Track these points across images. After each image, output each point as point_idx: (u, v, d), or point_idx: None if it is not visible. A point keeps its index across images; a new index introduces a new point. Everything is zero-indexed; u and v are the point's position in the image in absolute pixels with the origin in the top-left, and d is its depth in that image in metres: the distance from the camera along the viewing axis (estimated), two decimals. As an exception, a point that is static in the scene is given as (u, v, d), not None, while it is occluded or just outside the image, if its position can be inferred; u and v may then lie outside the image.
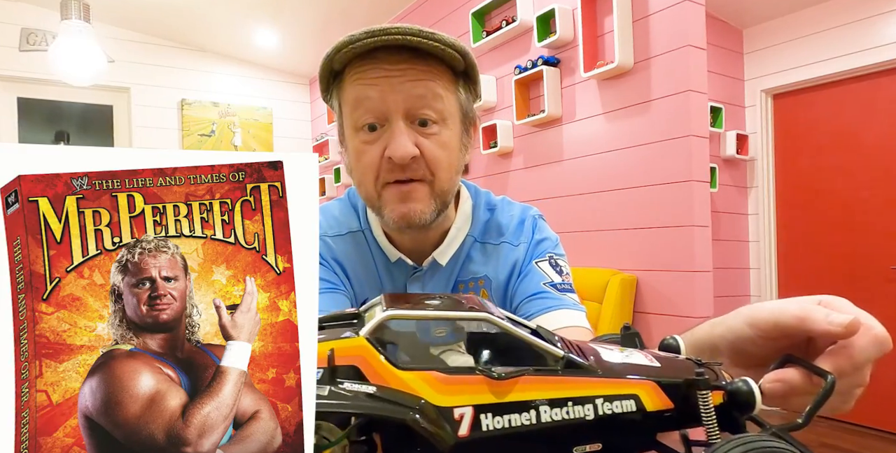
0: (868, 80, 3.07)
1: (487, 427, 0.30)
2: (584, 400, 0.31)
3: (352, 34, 0.66)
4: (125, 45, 4.00)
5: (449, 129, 0.70)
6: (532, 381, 0.31)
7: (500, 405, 0.30)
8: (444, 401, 0.30)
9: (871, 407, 3.02)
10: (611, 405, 0.32)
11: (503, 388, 0.31)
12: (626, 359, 0.36)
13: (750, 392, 0.34)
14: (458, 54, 0.67)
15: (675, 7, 2.16)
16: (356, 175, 0.72)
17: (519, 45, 2.84)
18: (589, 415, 0.31)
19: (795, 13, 3.28)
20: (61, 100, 3.90)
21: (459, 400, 0.30)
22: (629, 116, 2.35)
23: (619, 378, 0.33)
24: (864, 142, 3.09)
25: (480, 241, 0.82)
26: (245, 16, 3.81)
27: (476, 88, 0.75)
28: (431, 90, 0.67)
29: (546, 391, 0.31)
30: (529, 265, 0.79)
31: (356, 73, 0.68)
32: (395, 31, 0.64)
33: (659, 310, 2.26)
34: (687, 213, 2.14)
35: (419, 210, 0.69)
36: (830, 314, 0.39)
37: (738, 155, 3.38)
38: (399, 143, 0.66)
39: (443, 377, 0.31)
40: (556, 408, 0.31)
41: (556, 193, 2.68)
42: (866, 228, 3.07)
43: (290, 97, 4.68)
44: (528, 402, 0.31)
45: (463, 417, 0.30)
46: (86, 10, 2.80)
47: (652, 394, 0.33)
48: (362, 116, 0.68)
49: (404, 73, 0.66)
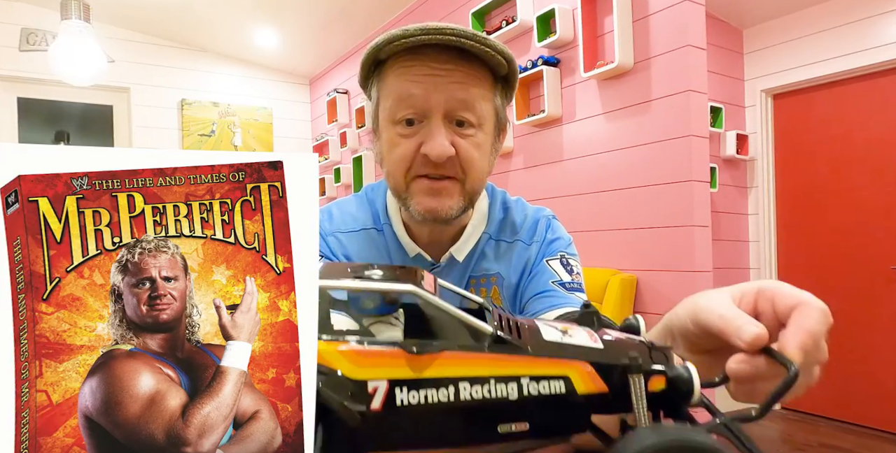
0: (868, 80, 3.07)
1: (402, 401, 0.29)
2: (509, 379, 0.30)
3: (406, 28, 0.66)
4: (125, 45, 4.00)
5: (484, 132, 0.72)
6: (454, 357, 0.30)
7: (417, 380, 0.30)
8: (359, 374, 0.30)
9: (872, 407, 3.02)
10: (537, 385, 0.31)
11: (421, 363, 0.30)
12: (567, 339, 0.34)
13: (689, 379, 0.33)
14: (504, 60, 0.69)
15: (675, 7, 2.16)
16: (387, 164, 0.73)
17: (519, 45, 2.84)
18: (512, 395, 0.30)
19: (795, 13, 3.28)
20: (61, 100, 3.90)
21: (374, 374, 0.30)
22: (629, 116, 2.35)
23: (551, 358, 0.32)
24: (864, 142, 3.09)
25: (495, 239, 0.83)
26: (245, 16, 3.81)
27: (512, 94, 0.77)
28: (473, 94, 0.69)
29: (468, 368, 0.30)
30: (540, 264, 0.80)
31: (401, 67, 0.69)
32: (449, 32, 0.65)
33: (659, 310, 2.26)
34: (687, 213, 2.14)
35: (448, 205, 0.71)
36: (741, 327, 0.38)
37: (738, 155, 3.38)
38: (437, 142, 0.67)
39: (359, 349, 0.30)
40: (477, 386, 0.30)
41: (556, 193, 2.68)
42: (866, 228, 3.07)
43: (290, 97, 4.68)
44: (447, 379, 0.30)
45: (377, 391, 0.29)
46: (86, 10, 2.80)
47: (585, 376, 0.32)
48: (402, 111, 0.69)
49: (450, 74, 0.67)
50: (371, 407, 0.29)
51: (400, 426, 0.30)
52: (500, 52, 0.68)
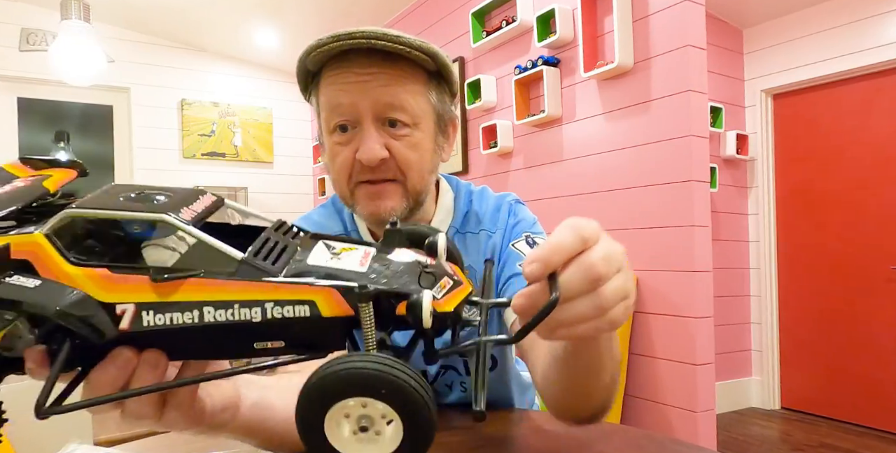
0: (868, 80, 3.07)
1: (148, 323, 0.32)
2: (253, 303, 0.32)
3: (320, 38, 0.68)
4: (125, 45, 4.00)
5: (420, 131, 0.72)
6: (199, 284, 0.32)
7: (163, 304, 0.32)
8: (108, 298, 0.32)
9: (872, 407, 3.02)
10: (281, 309, 0.32)
11: (167, 289, 0.32)
12: (331, 263, 0.35)
13: (417, 304, 0.32)
14: (425, 56, 0.69)
15: (675, 7, 2.16)
16: (331, 173, 0.76)
17: (519, 45, 2.84)
18: (256, 318, 0.32)
19: (795, 13, 3.28)
20: (61, 100, 3.90)
21: (123, 298, 0.32)
22: (629, 116, 2.35)
23: (299, 283, 0.32)
24: (864, 141, 3.09)
25: (462, 232, 0.83)
26: (245, 16, 3.81)
27: (451, 88, 0.77)
28: (400, 94, 0.69)
29: (212, 293, 0.32)
30: (507, 249, 0.80)
31: (330, 76, 0.71)
32: (359, 35, 0.66)
33: (659, 310, 2.26)
34: (687, 213, 2.14)
35: (391, 207, 0.72)
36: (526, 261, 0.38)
37: (738, 155, 3.38)
38: (367, 147, 0.69)
39: (109, 274, 0.32)
40: (221, 310, 0.32)
41: (556, 193, 2.68)
42: (866, 228, 3.07)
43: (290, 97, 4.67)
44: (191, 303, 0.32)
45: (125, 313, 0.32)
46: (86, 10, 2.80)
47: (330, 300, 0.32)
48: (335, 119, 0.71)
49: (374, 78, 0.68)
50: (120, 327, 0.32)
51: (152, 343, 0.34)
52: (417, 47, 0.68)
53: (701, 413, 2.12)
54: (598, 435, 0.68)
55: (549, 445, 0.68)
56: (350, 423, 0.30)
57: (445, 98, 0.77)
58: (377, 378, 0.28)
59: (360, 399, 0.29)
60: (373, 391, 0.28)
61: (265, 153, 4.54)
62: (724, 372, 3.34)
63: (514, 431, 0.75)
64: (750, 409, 3.46)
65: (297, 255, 0.36)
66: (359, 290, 0.31)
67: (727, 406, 3.38)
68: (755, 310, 3.51)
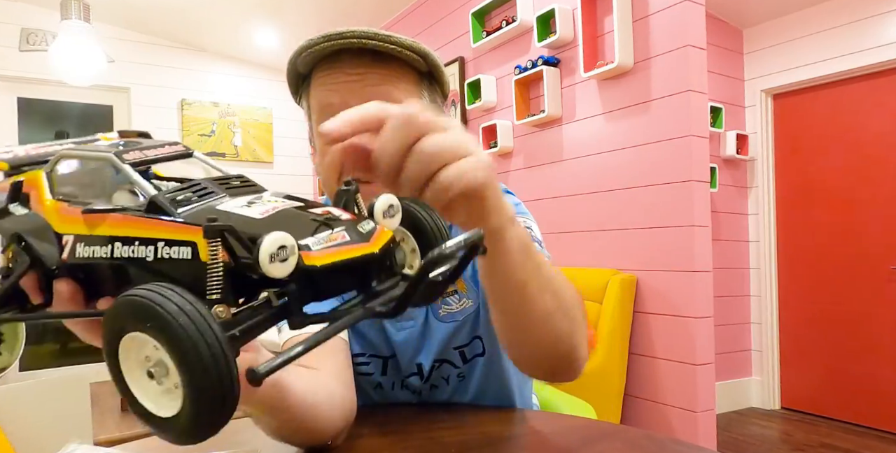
0: (868, 80, 3.07)
1: (79, 254, 0.35)
2: (149, 241, 0.32)
3: (311, 38, 0.67)
4: (125, 45, 4.00)
5: None
6: (117, 219, 0.33)
7: (90, 237, 0.35)
8: (61, 229, 0.36)
9: (872, 407, 3.02)
10: (169, 249, 0.32)
11: (94, 222, 0.34)
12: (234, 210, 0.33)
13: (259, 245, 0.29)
14: (416, 56, 0.69)
15: (675, 7, 2.16)
16: (321, 174, 0.76)
17: (519, 45, 2.84)
18: (150, 256, 0.32)
19: (795, 13, 3.29)
20: (61, 100, 3.90)
21: (69, 229, 0.36)
22: (629, 116, 2.35)
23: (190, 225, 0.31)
24: (864, 142, 3.09)
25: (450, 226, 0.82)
26: (245, 16, 3.81)
27: (443, 88, 0.77)
28: (392, 93, 0.69)
29: (124, 229, 0.33)
30: None
31: (321, 77, 0.71)
32: (350, 35, 0.66)
33: (659, 310, 2.26)
34: (687, 213, 2.14)
35: None
36: None
37: (738, 155, 3.38)
38: None
39: (65, 208, 0.36)
40: (126, 246, 0.33)
41: (556, 193, 2.68)
42: (866, 228, 3.08)
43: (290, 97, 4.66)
44: (108, 237, 0.34)
45: (68, 243, 0.36)
46: (86, 10, 2.80)
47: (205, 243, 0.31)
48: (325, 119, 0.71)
49: (364, 78, 0.68)
50: (62, 256, 0.36)
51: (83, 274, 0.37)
52: (408, 47, 0.68)
53: (701, 413, 2.12)
54: (598, 435, 0.68)
55: (549, 445, 0.68)
56: (140, 366, 0.28)
57: (437, 99, 0.77)
58: (143, 307, 0.25)
59: (137, 334, 0.26)
60: (138, 322, 0.26)
61: (265, 153, 4.54)
62: (724, 372, 3.34)
63: (514, 431, 0.75)
64: (750, 409, 3.46)
65: (214, 201, 0.34)
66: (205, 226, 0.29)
67: (727, 406, 3.38)
68: (755, 310, 3.51)
